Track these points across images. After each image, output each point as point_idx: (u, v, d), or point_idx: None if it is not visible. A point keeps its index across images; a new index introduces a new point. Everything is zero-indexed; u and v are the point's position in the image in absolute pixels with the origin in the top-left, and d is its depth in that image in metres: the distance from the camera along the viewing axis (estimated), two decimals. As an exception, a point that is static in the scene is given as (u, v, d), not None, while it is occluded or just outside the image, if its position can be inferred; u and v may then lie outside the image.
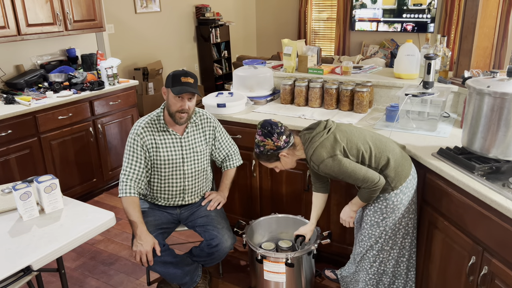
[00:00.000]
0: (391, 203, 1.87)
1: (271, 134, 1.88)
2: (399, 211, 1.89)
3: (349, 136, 1.85)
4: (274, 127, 1.88)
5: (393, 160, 1.84)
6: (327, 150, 1.80)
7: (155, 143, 2.19)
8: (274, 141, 1.88)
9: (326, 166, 1.81)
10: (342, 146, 1.81)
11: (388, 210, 1.89)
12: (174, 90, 2.07)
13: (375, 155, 1.83)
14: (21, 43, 3.59)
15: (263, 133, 1.90)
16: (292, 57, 3.02)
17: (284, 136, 1.88)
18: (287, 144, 1.89)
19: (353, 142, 1.83)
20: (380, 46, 7.05)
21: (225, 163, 2.45)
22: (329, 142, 1.82)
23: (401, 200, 1.87)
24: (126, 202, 2.10)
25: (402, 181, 1.84)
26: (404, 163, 1.87)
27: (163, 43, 6.14)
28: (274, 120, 1.91)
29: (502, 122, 1.64)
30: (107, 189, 3.86)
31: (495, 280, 1.53)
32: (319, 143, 1.82)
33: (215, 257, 2.22)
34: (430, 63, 2.27)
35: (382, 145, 1.86)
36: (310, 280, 2.33)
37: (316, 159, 1.82)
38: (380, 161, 1.83)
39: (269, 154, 1.90)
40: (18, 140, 3.03)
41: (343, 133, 1.86)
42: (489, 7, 2.40)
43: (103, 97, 3.59)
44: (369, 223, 1.97)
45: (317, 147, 1.82)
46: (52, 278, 2.62)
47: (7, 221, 1.66)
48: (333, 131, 1.85)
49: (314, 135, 1.86)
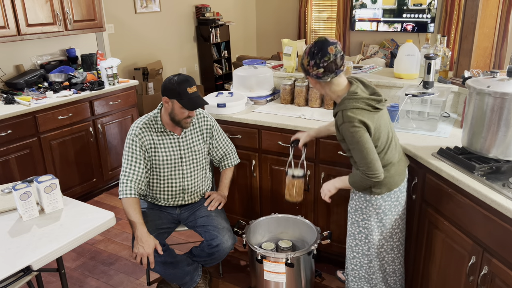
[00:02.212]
0: (370, 205, 1.88)
1: (312, 57, 1.72)
2: (379, 218, 1.90)
3: (382, 127, 1.77)
4: (319, 55, 1.70)
5: (385, 170, 1.81)
6: (360, 117, 1.69)
7: (153, 143, 2.19)
8: (309, 64, 1.74)
9: (348, 129, 1.71)
10: (373, 126, 1.73)
11: (367, 211, 1.90)
12: (185, 105, 2.07)
13: (382, 157, 1.79)
14: (21, 43, 3.59)
15: (310, 49, 1.73)
16: (292, 57, 3.02)
17: (320, 70, 1.71)
18: (316, 77, 1.75)
19: (380, 133, 1.77)
20: (380, 46, 7.05)
21: (223, 162, 2.45)
22: (367, 114, 1.72)
23: (380, 205, 1.87)
24: (126, 203, 2.10)
25: (384, 190, 1.83)
26: (396, 177, 1.85)
27: (163, 43, 6.14)
28: (330, 49, 1.69)
29: (502, 122, 1.64)
30: (107, 189, 3.86)
31: (495, 280, 1.53)
32: (358, 107, 1.71)
33: (216, 257, 2.22)
34: (430, 63, 2.27)
35: (392, 151, 1.83)
36: (310, 280, 2.33)
37: (346, 117, 1.71)
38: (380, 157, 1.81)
39: (302, 67, 1.81)
40: (18, 140, 3.03)
41: (382, 120, 1.79)
42: (489, 7, 2.40)
43: (103, 97, 3.59)
44: (350, 221, 2.01)
45: (355, 108, 1.71)
46: (52, 278, 2.62)
47: (7, 221, 1.66)
48: (377, 110, 1.76)
49: (361, 97, 1.73)
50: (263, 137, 2.58)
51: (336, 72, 1.73)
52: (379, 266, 2.01)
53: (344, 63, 1.75)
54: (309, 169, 2.48)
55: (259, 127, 2.57)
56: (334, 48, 1.70)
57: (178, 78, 2.09)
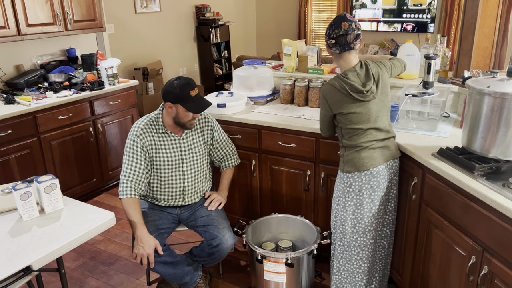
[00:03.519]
0: (343, 183, 2.01)
1: (328, 28, 1.89)
2: (349, 196, 1.99)
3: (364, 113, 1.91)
4: (333, 27, 1.87)
5: (356, 151, 1.93)
6: (326, 93, 1.93)
7: (155, 144, 2.19)
8: (326, 33, 1.92)
9: (322, 90, 1.96)
10: (336, 108, 1.91)
11: (340, 188, 2.03)
12: (190, 109, 2.09)
13: (359, 135, 1.92)
14: (21, 43, 3.59)
15: (331, 22, 1.90)
16: (292, 57, 3.02)
17: (332, 41, 1.88)
18: (329, 47, 1.93)
19: (353, 117, 1.91)
20: (380, 46, 7.04)
21: (223, 163, 2.45)
22: (339, 95, 1.89)
23: (350, 184, 1.97)
24: (127, 204, 2.10)
25: (352, 169, 1.95)
26: (366, 160, 1.94)
27: (163, 43, 6.14)
28: (343, 24, 1.84)
29: (502, 122, 1.64)
30: (107, 189, 3.86)
31: (495, 280, 1.53)
32: (335, 85, 1.90)
33: (216, 257, 2.22)
34: (430, 63, 2.27)
35: (370, 141, 1.93)
36: (310, 280, 2.33)
37: (324, 86, 1.96)
38: (352, 141, 1.94)
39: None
40: (18, 140, 3.03)
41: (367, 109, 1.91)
42: (489, 7, 2.40)
43: (103, 97, 3.59)
44: (333, 200, 2.12)
45: (331, 84, 1.91)
46: (52, 278, 2.62)
47: (7, 221, 1.66)
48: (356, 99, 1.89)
49: (347, 80, 1.88)
50: (263, 137, 2.58)
51: (345, 47, 1.87)
52: (353, 246, 2.07)
53: (357, 43, 1.89)
54: (309, 169, 2.48)
55: (259, 127, 2.57)
56: (348, 24, 1.84)
57: (179, 82, 2.09)
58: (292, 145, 2.48)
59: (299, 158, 2.50)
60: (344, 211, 2.03)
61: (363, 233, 2.03)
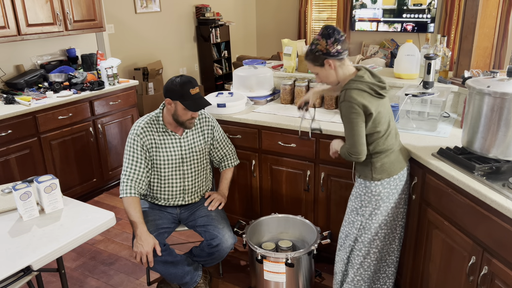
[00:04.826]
0: (369, 192, 1.91)
1: (329, 37, 1.80)
2: (377, 204, 1.92)
3: (382, 112, 1.82)
4: (335, 33, 1.80)
5: (385, 155, 1.86)
6: (361, 99, 1.75)
7: (155, 143, 2.19)
8: (327, 44, 1.80)
9: (347, 107, 1.77)
10: (374, 109, 1.77)
11: (365, 198, 1.93)
12: (188, 106, 2.09)
13: (379, 142, 1.84)
14: (21, 43, 3.59)
15: (322, 33, 1.82)
16: (292, 57, 3.02)
17: (339, 46, 1.80)
18: (338, 54, 1.81)
19: (380, 119, 1.82)
20: (380, 46, 7.05)
21: (223, 163, 2.45)
22: (369, 97, 1.77)
23: (379, 192, 1.89)
24: (127, 203, 2.10)
25: (384, 176, 1.87)
26: (396, 164, 1.88)
27: (163, 43, 6.14)
28: (339, 29, 1.84)
29: (502, 122, 1.64)
30: (107, 189, 3.86)
31: (495, 280, 1.53)
32: (364, 89, 1.77)
33: (216, 257, 2.22)
34: (430, 63, 2.27)
35: (391, 139, 1.87)
36: (310, 280, 2.33)
37: (348, 96, 1.77)
38: (377, 148, 1.85)
39: (316, 55, 1.84)
40: (18, 140, 3.03)
41: (383, 106, 1.83)
42: (489, 7, 2.40)
43: (103, 97, 3.59)
44: (350, 208, 2.03)
45: (359, 90, 1.77)
46: (52, 278, 2.62)
47: (7, 221, 1.66)
48: (381, 98, 1.82)
49: (367, 81, 1.79)
50: (263, 137, 2.58)
51: (348, 49, 1.84)
52: (372, 253, 2.03)
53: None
54: (309, 169, 2.48)
55: (259, 127, 2.57)
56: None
57: (180, 79, 2.09)
58: (292, 145, 2.48)
59: (299, 158, 2.50)
60: (370, 219, 1.96)
61: (384, 238, 2.01)
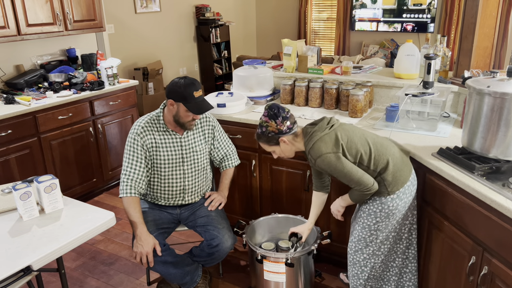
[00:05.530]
0: (386, 208, 1.86)
1: (276, 117, 1.86)
2: (394, 217, 1.88)
3: (350, 136, 1.84)
4: (280, 111, 1.87)
5: (392, 164, 1.83)
6: (326, 146, 1.80)
7: (155, 142, 2.19)
8: (277, 124, 1.86)
9: (323, 161, 1.80)
10: (342, 144, 1.80)
11: (382, 214, 1.87)
12: (191, 109, 2.09)
13: (374, 157, 1.82)
14: (21, 43, 3.59)
15: (268, 114, 1.88)
16: (292, 57, 3.02)
17: (288, 122, 1.87)
18: (289, 130, 1.88)
19: (354, 142, 1.83)
20: (380, 46, 7.05)
21: (224, 163, 2.45)
22: (330, 138, 1.81)
23: (397, 205, 1.85)
24: (127, 202, 2.10)
25: (399, 186, 1.83)
26: (404, 168, 1.86)
27: (163, 43, 6.14)
28: (282, 105, 1.89)
29: (502, 122, 1.64)
30: (107, 189, 3.86)
31: (495, 280, 1.53)
32: (319, 138, 1.82)
33: (216, 257, 2.22)
34: (430, 63, 2.27)
35: (383, 148, 1.85)
36: (310, 280, 2.33)
37: (314, 153, 1.81)
38: (379, 164, 1.82)
39: (270, 136, 1.89)
40: (18, 140, 3.03)
41: (345, 131, 1.85)
42: (489, 7, 2.40)
43: (103, 97, 3.59)
44: (361, 225, 1.95)
45: (317, 141, 1.82)
46: (52, 278, 2.62)
47: (7, 221, 1.66)
48: (335, 128, 1.85)
49: (316, 129, 1.85)
50: (263, 137, 2.57)
51: (295, 121, 1.92)
52: (392, 259, 2.01)
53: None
54: (309, 169, 2.48)
55: (259, 127, 2.57)
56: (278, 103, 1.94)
57: (184, 81, 2.09)
58: (292, 145, 2.48)
59: (299, 158, 2.50)
60: (384, 231, 1.92)
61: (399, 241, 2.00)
